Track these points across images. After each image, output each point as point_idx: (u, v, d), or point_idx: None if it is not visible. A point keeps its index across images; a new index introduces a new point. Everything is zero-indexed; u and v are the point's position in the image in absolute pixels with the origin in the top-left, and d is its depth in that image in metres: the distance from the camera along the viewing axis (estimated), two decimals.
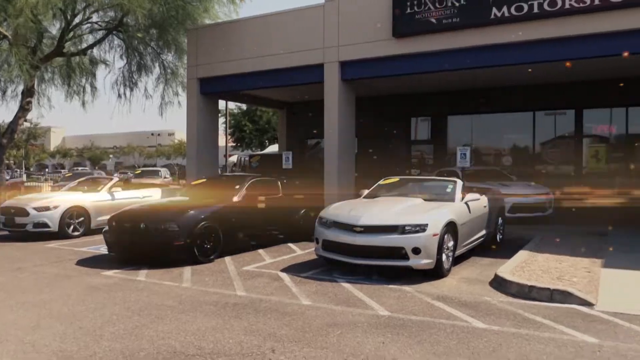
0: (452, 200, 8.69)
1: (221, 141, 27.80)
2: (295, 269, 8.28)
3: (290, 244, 10.63)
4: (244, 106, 41.83)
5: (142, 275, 7.95)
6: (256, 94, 18.60)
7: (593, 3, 10.86)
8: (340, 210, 8.45)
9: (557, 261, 8.12)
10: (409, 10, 12.55)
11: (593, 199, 16.28)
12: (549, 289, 6.44)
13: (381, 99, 18.08)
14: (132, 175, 30.63)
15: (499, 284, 7.05)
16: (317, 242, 8.26)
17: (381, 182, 10.00)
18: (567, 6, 11.04)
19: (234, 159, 35.92)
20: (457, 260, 8.46)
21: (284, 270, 8.23)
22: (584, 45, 11.27)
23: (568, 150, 16.70)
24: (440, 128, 18.65)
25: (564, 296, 6.29)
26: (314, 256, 8.64)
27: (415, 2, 12.47)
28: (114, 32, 18.16)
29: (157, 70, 19.26)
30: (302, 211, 11.11)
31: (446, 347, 4.82)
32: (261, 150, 37.73)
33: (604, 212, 15.00)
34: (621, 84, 14.87)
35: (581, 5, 10.95)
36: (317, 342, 4.99)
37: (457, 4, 12.05)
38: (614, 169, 16.31)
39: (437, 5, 12.25)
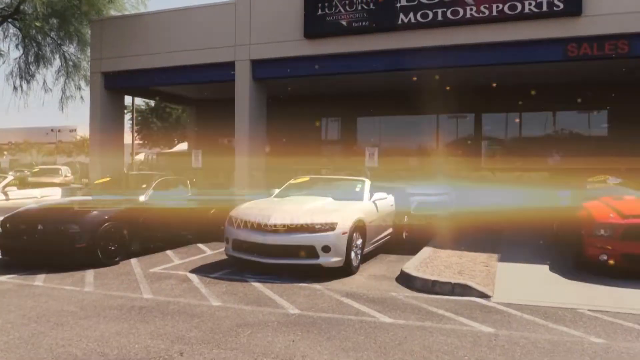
0: (361, 199, 8.92)
1: (127, 138, 26.73)
2: (204, 270, 8.14)
3: (199, 245, 10.44)
4: (152, 102, 40.49)
5: (40, 280, 7.48)
6: (165, 91, 18.09)
7: (491, 14, 11.57)
8: (250, 209, 8.42)
9: (458, 257, 8.56)
10: (320, 12, 12.74)
11: (490, 197, 17.31)
12: (450, 283, 6.79)
13: (293, 99, 18.18)
14: (29, 173, 28.72)
15: (404, 279, 7.33)
16: (227, 242, 8.17)
17: (292, 181, 10.06)
18: (468, 15, 11.70)
19: (141, 157, 34.65)
20: (366, 257, 8.70)
21: (193, 271, 8.07)
22: (485, 53, 11.98)
23: (468, 152, 17.64)
24: (350, 129, 19.06)
25: (464, 289, 6.66)
26: (224, 256, 8.54)
27: (327, 4, 12.67)
28: (9, 20, 16.95)
29: (57, 62, 18.26)
30: (212, 211, 10.93)
31: (354, 343, 4.94)
32: (170, 148, 36.69)
33: (501, 210, 15.99)
34: (533, 93, 15.93)
35: (481, 15, 11.63)
36: (227, 343, 4.95)
37: (366, 8, 12.39)
38: (509, 169, 17.44)
39: (347, 8, 12.53)
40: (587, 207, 8.10)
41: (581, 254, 7.67)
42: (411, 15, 12.07)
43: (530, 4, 11.36)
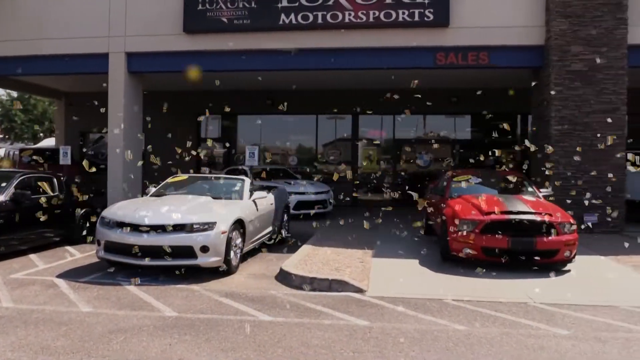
0: (241, 198, 8.88)
1: None
2: (73, 274, 7.64)
3: (68, 247, 9.77)
4: (14, 93, 37.09)
5: None
6: (30, 81, 16.68)
7: (368, 20, 12.06)
8: (124, 209, 8.04)
9: (335, 254, 8.82)
10: (200, 7, 12.49)
11: (366, 196, 18.09)
12: (328, 279, 6.99)
13: (171, 95, 17.52)
14: None
15: (284, 277, 7.41)
16: (99, 244, 7.73)
17: (169, 179, 9.75)
18: (347, 20, 12.09)
19: (1, 152, 31.63)
20: (245, 256, 8.68)
21: (60, 276, 7.54)
22: (362, 57, 12.45)
23: (346, 152, 18.25)
24: (230, 127, 18.87)
25: (341, 285, 6.89)
26: (96, 259, 8.07)
27: (207, 0, 12.44)
28: None
29: None
30: (83, 211, 10.28)
31: (234, 343, 4.92)
32: (35, 143, 33.92)
33: (376, 208, 16.72)
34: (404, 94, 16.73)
35: (359, 21, 12.07)
36: (98, 350, 4.69)
37: (248, 6, 12.35)
38: (384, 169, 18.33)
39: (228, 5, 12.40)
40: (451, 204, 8.73)
41: (447, 248, 8.24)
42: (292, 16, 12.22)
43: (403, 13, 12.00)
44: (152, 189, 9.42)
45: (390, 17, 12.02)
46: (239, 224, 7.98)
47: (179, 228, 7.35)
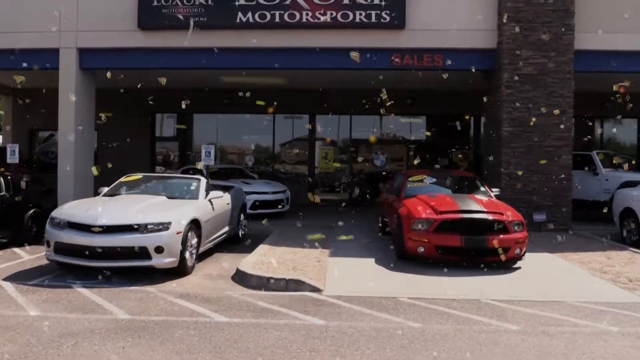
0: (196, 198, 8.77)
1: None
2: (21, 277, 7.38)
3: (15, 249, 9.42)
4: None
5: None
6: None
7: (326, 20, 12.11)
8: (76, 209, 7.83)
9: (292, 253, 8.82)
10: (155, 3, 12.27)
11: (323, 195, 18.16)
12: (284, 279, 6.99)
13: (125, 92, 17.16)
14: None
15: (240, 277, 7.37)
16: (49, 246, 7.48)
17: (123, 179, 9.54)
18: (304, 20, 12.10)
19: None
20: (201, 256, 8.58)
21: (7, 279, 7.26)
22: (320, 57, 12.48)
23: (303, 152, 18.27)
24: (186, 125, 18.59)
25: (298, 285, 6.90)
26: (45, 261, 7.82)
27: None
28: None
29: None
30: (32, 211, 9.94)
31: (189, 345, 4.86)
32: None
33: (332, 208, 16.83)
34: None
35: (316, 21, 12.11)
36: (47, 355, 4.55)
37: (205, 4, 12.21)
38: (340, 169, 18.46)
39: (185, 2, 12.23)
40: (407, 203, 8.86)
41: (402, 247, 8.36)
42: (249, 14, 12.15)
43: (360, 14, 12.10)
44: (105, 189, 9.19)
45: (347, 18, 12.10)
46: (194, 224, 7.88)
47: (132, 228, 7.21)
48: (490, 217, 8.13)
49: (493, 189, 10.16)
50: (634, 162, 15.34)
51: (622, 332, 5.36)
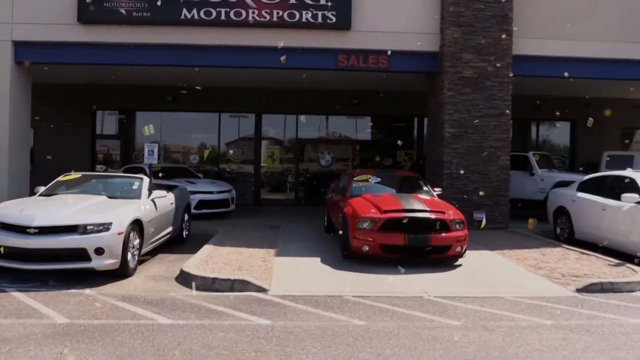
0: (139, 197, 8.55)
1: None
2: None
3: None
4: None
5: None
6: None
7: (272, 19, 12.07)
8: (9, 209, 7.49)
9: (238, 253, 8.75)
10: None
11: (269, 195, 18.13)
12: (230, 279, 6.92)
13: (64, 88, 16.54)
14: None
15: (184, 278, 7.25)
16: None
17: (61, 178, 9.20)
18: (250, 19, 12.02)
19: None
20: (144, 258, 8.39)
21: None
22: (267, 57, 12.42)
23: (249, 151, 18.15)
24: (128, 123, 18.13)
25: (243, 285, 6.85)
26: None
27: None
28: None
29: None
30: None
31: (131, 348, 4.75)
32: None
33: (278, 207, 16.83)
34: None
35: (262, 20, 12.06)
36: None
37: None
38: (286, 169, 18.45)
39: None
40: (352, 203, 8.96)
41: (348, 246, 8.45)
42: (195, 11, 11.96)
43: (307, 14, 12.13)
44: (41, 188, 8.83)
45: (294, 18, 12.11)
46: (136, 225, 7.69)
47: (71, 229, 6.96)
48: (432, 216, 8.33)
49: (435, 189, 10.42)
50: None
51: (555, 325, 5.62)
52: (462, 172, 12.04)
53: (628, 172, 10.07)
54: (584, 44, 12.82)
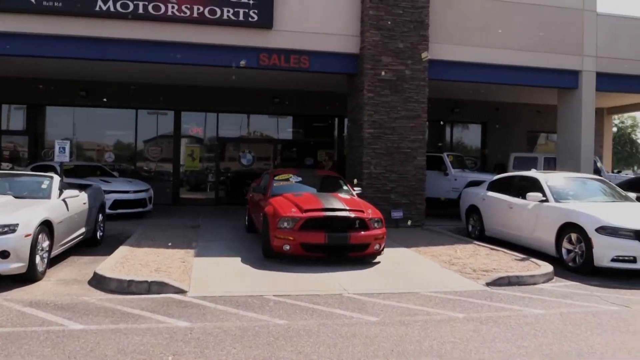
0: (48, 197, 8.12)
1: None
2: None
3: None
4: None
5: None
6: None
7: (192, 15, 11.83)
8: None
9: (155, 254, 8.52)
10: None
11: (188, 194, 17.77)
12: (147, 281, 6.73)
13: None
14: None
15: (98, 282, 6.97)
16: None
17: None
18: (170, 13, 11.72)
19: None
20: (55, 260, 7.98)
21: None
22: (186, 53, 12.16)
23: (168, 149, 17.69)
24: (37, 119, 17.15)
25: (161, 287, 6.68)
26: None
27: None
28: None
29: None
30: None
31: (40, 356, 4.50)
32: None
33: (198, 207, 16.53)
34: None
35: (183, 15, 11.78)
36: None
37: None
38: (207, 168, 18.15)
39: None
40: (273, 202, 8.97)
41: (269, 245, 8.45)
42: (110, 3, 11.47)
43: (228, 12, 11.99)
44: None
45: (214, 14, 11.93)
46: (46, 226, 7.29)
47: None
48: (352, 214, 8.49)
49: (355, 188, 10.63)
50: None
51: (467, 317, 5.91)
52: (379, 172, 12.38)
53: (532, 173, 10.75)
54: (495, 51, 13.58)
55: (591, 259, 8.18)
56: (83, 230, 9.14)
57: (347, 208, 8.62)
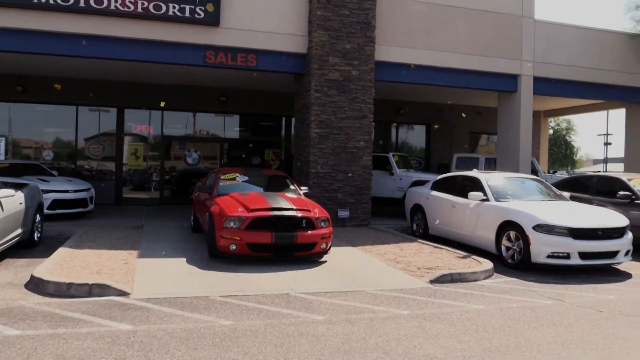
0: None
1: None
2: None
3: None
4: None
5: None
6: None
7: (136, 10, 11.55)
8: None
9: (97, 256, 8.27)
10: None
11: (132, 194, 17.34)
12: (87, 284, 6.52)
13: None
14: None
15: (35, 285, 6.70)
16: None
17: None
18: (112, 7, 11.41)
19: None
20: None
21: None
22: (130, 49, 11.87)
23: (111, 147, 17.19)
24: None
25: (103, 289, 6.49)
26: None
27: None
28: None
29: None
30: None
31: None
32: None
33: (142, 206, 16.16)
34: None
35: (126, 9, 11.49)
36: None
37: None
38: (151, 167, 17.74)
39: None
40: (219, 201, 8.88)
41: (215, 246, 8.36)
42: None
43: (174, 7, 11.77)
44: None
45: (160, 10, 11.68)
46: None
47: None
48: (298, 214, 8.52)
49: (302, 187, 10.66)
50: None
51: (411, 314, 6.04)
52: (326, 172, 12.47)
53: (474, 173, 11.08)
54: (438, 54, 13.93)
55: (528, 256, 8.52)
56: (19, 231, 8.76)
57: (294, 207, 8.63)
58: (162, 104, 15.32)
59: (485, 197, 9.79)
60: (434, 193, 11.54)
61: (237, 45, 12.38)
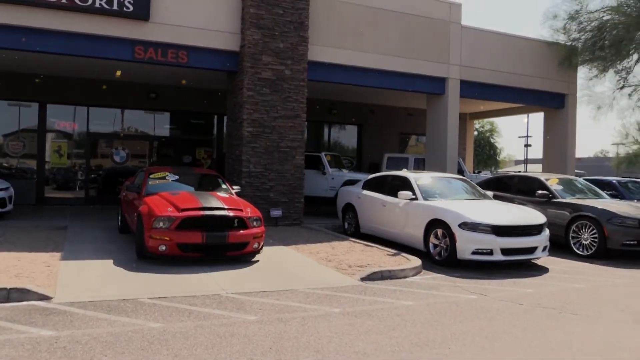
0: None
1: None
2: None
3: None
4: None
5: None
6: None
7: (61, 1, 11.03)
8: None
9: (16, 259, 7.86)
10: None
11: (55, 193, 16.57)
12: (5, 288, 6.17)
13: None
14: None
15: None
16: None
17: None
18: None
19: None
20: None
21: None
22: (54, 41, 11.35)
23: (32, 144, 16.35)
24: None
25: (22, 294, 6.17)
26: None
27: None
28: None
29: None
30: None
31: None
32: None
33: (66, 206, 15.49)
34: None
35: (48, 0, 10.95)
36: None
37: None
38: (75, 165, 17.02)
39: None
40: (148, 201, 8.65)
41: (143, 246, 8.13)
42: None
43: (101, 0, 11.34)
44: None
45: (86, 2, 11.22)
46: None
47: None
48: (230, 213, 8.44)
49: (234, 186, 10.57)
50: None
51: (342, 312, 6.12)
52: (259, 171, 12.42)
53: (404, 172, 11.38)
54: (369, 55, 14.20)
55: (455, 253, 8.85)
56: None
57: (226, 207, 8.55)
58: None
59: (414, 196, 10.07)
60: (365, 192, 11.75)
61: (168, 40, 12.10)
